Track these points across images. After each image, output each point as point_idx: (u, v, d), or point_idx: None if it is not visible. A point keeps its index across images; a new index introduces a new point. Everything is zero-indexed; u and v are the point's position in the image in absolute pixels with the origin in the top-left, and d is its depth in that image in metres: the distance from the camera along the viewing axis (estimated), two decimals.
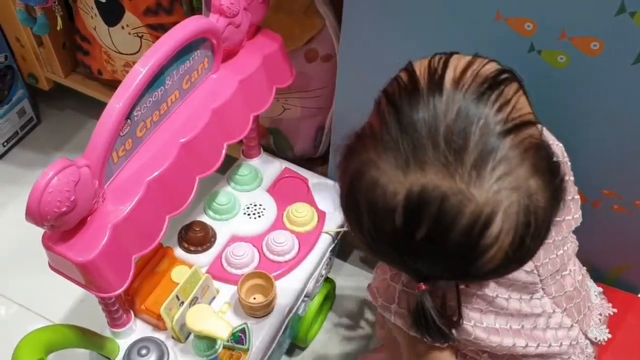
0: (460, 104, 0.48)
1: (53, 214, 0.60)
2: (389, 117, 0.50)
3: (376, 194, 0.49)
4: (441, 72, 0.50)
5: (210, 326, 0.79)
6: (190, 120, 0.76)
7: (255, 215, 0.97)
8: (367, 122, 0.54)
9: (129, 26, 1.10)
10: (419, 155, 0.47)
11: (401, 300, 0.59)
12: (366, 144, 0.51)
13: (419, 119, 0.48)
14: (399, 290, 0.59)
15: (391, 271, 0.60)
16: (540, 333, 0.66)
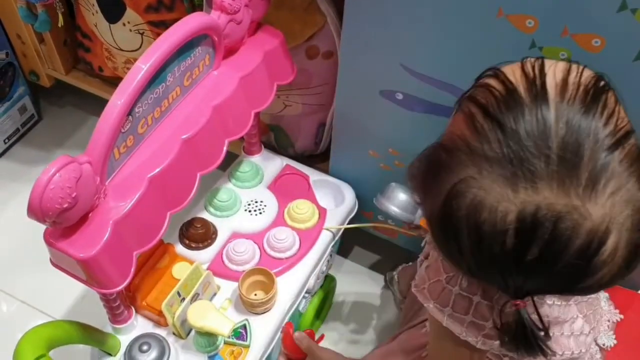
0: (568, 116, 0.45)
1: (55, 210, 0.60)
2: (489, 131, 0.46)
3: (482, 216, 0.45)
4: (541, 81, 0.47)
5: (211, 322, 0.79)
6: (191, 116, 0.76)
7: (256, 212, 0.97)
8: (453, 134, 0.50)
9: (130, 23, 1.10)
10: (528, 171, 0.44)
11: (456, 304, 0.56)
12: (462, 159, 0.47)
13: (526, 133, 0.45)
14: (455, 294, 0.57)
15: (447, 273, 0.57)
16: (565, 340, 0.66)
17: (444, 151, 0.50)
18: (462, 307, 0.56)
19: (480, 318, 0.56)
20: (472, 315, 0.56)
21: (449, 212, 0.47)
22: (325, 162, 1.11)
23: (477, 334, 0.57)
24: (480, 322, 0.56)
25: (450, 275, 0.57)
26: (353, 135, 0.99)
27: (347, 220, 1.03)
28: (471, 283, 0.56)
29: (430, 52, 0.79)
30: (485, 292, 0.56)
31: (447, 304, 0.57)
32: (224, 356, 0.83)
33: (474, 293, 0.55)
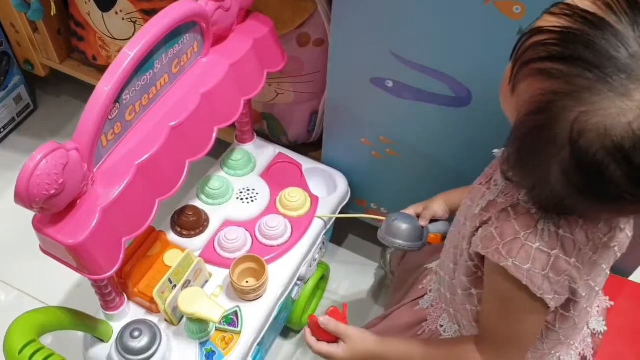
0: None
1: (42, 196, 0.60)
2: (575, 63, 0.47)
3: (617, 135, 0.45)
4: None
5: (202, 309, 0.80)
6: (179, 104, 0.76)
7: (248, 200, 0.98)
8: (532, 98, 0.50)
9: (122, 11, 1.10)
10: (628, 75, 0.45)
11: (536, 260, 0.56)
12: (560, 106, 0.48)
13: (612, 46, 0.46)
14: (535, 249, 0.56)
15: (524, 230, 0.58)
16: (586, 315, 0.67)
17: (536, 114, 0.50)
18: (541, 263, 0.56)
19: (555, 274, 0.57)
20: (549, 271, 0.57)
21: (583, 155, 0.47)
22: (318, 151, 1.11)
23: (550, 290, 0.58)
24: (555, 278, 0.57)
25: (529, 232, 0.57)
26: (345, 124, 0.99)
27: (339, 208, 1.03)
28: (551, 237, 0.56)
29: (419, 39, 0.79)
30: (565, 246, 0.57)
31: (527, 261, 0.57)
32: (216, 342, 0.84)
33: (553, 248, 0.56)
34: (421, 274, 0.88)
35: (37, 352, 0.66)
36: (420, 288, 0.85)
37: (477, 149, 0.89)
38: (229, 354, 0.83)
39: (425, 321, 0.80)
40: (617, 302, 0.88)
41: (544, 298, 0.58)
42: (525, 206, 0.58)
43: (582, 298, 0.61)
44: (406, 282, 0.92)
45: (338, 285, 1.22)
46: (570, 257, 0.57)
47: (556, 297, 0.59)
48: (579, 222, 0.57)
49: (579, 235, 0.57)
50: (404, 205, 0.96)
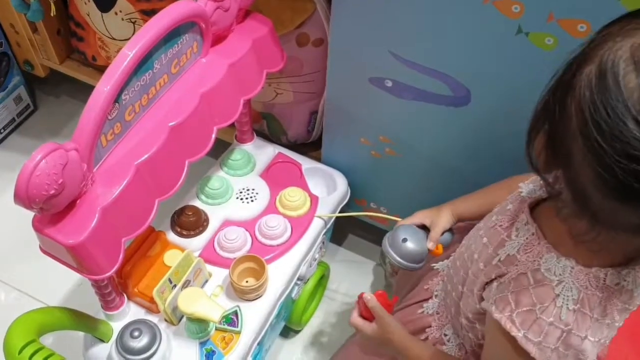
0: None
1: (41, 196, 0.60)
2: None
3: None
4: None
5: (201, 308, 0.80)
6: (179, 104, 0.76)
7: (248, 200, 0.98)
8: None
9: (122, 12, 1.10)
10: None
11: (548, 335, 0.56)
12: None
13: None
14: (549, 324, 0.55)
15: (540, 303, 0.56)
16: None
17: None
18: (553, 337, 0.56)
19: (565, 348, 0.56)
20: (560, 345, 0.56)
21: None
22: (318, 150, 1.11)
23: (558, 358, 0.57)
24: (564, 352, 0.56)
25: (545, 305, 0.56)
26: (344, 123, 0.99)
27: (339, 207, 1.03)
28: (568, 314, 0.55)
29: (417, 39, 0.79)
30: (579, 322, 0.56)
31: (539, 335, 0.56)
32: (216, 342, 0.84)
33: (567, 324, 0.55)
34: (426, 273, 0.88)
35: (37, 352, 0.66)
36: (426, 289, 0.85)
37: (477, 148, 0.89)
38: (229, 353, 0.83)
39: (429, 327, 0.80)
40: None
41: None
42: (545, 276, 0.57)
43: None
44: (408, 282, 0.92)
45: (338, 284, 1.22)
46: (583, 332, 0.56)
47: None
48: (598, 298, 0.55)
49: (596, 311, 0.56)
50: (403, 205, 0.96)
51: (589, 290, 0.55)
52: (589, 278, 0.55)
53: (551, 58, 0.71)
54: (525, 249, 0.60)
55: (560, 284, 0.55)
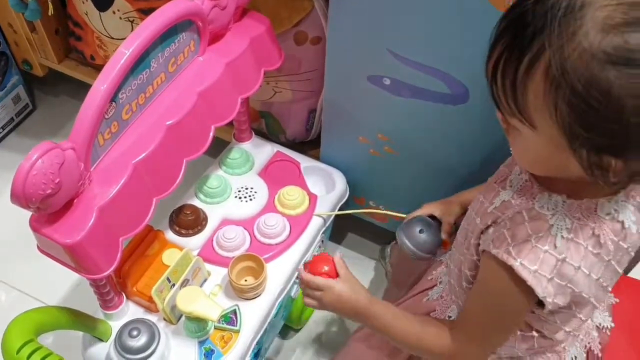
0: None
1: (38, 196, 0.60)
2: None
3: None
4: None
5: (200, 307, 0.80)
6: (176, 102, 0.76)
7: (246, 199, 0.98)
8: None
9: (119, 11, 1.10)
10: None
11: (544, 263, 0.57)
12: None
13: None
14: (544, 252, 0.57)
15: (537, 234, 0.58)
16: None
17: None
18: (549, 266, 0.57)
19: (560, 279, 0.57)
20: (555, 275, 0.57)
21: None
22: (316, 149, 1.11)
23: (553, 293, 0.58)
24: (559, 282, 0.57)
25: (540, 235, 0.57)
26: (343, 122, 0.99)
27: (338, 206, 1.03)
28: (562, 243, 0.57)
29: (415, 36, 0.79)
30: (573, 252, 0.57)
31: (535, 263, 0.57)
32: (215, 341, 0.84)
33: (561, 253, 0.57)
34: (430, 265, 0.89)
35: (34, 351, 0.66)
36: (430, 279, 0.86)
37: (475, 146, 0.89)
38: (228, 352, 0.83)
39: (433, 311, 0.80)
40: (620, 299, 0.88)
41: (545, 301, 0.58)
42: (540, 212, 0.58)
43: (588, 301, 0.61)
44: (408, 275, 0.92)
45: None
46: (576, 262, 0.57)
47: (556, 301, 0.59)
48: (590, 228, 0.57)
49: (590, 241, 0.57)
50: (401, 202, 0.96)
51: (582, 221, 0.57)
52: (581, 209, 0.57)
53: None
54: (519, 193, 0.62)
55: (553, 215, 0.57)
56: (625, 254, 0.61)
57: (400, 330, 0.71)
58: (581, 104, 0.46)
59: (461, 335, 0.67)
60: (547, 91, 0.48)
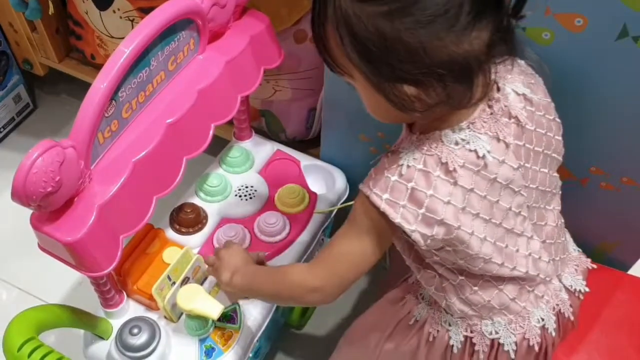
0: None
1: (38, 194, 0.60)
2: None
3: None
4: None
5: (200, 305, 0.80)
6: (176, 101, 0.76)
7: (246, 197, 0.98)
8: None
9: (120, 10, 1.10)
10: None
11: (394, 190, 0.61)
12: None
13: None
14: (393, 181, 0.61)
15: (390, 166, 0.62)
16: (519, 257, 0.68)
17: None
18: (399, 193, 0.61)
19: (414, 205, 0.61)
20: (407, 202, 0.61)
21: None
22: (317, 148, 1.11)
23: (413, 220, 0.61)
24: (415, 209, 0.61)
25: (392, 167, 0.61)
26: (343, 120, 0.99)
27: (338, 204, 1.03)
28: (409, 172, 0.61)
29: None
30: (420, 179, 0.61)
31: (385, 191, 0.61)
32: (215, 339, 0.84)
33: (409, 180, 0.60)
34: None
35: (35, 349, 0.66)
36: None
37: None
38: (229, 350, 0.83)
39: (409, 293, 0.81)
40: (615, 295, 0.88)
41: (404, 227, 0.61)
42: (398, 150, 0.63)
43: (472, 236, 0.63)
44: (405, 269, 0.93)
45: None
46: (428, 190, 0.60)
47: (420, 230, 0.61)
48: (437, 157, 0.60)
49: (439, 170, 0.60)
50: None
51: (430, 152, 0.60)
52: (429, 142, 0.61)
53: (548, 52, 0.72)
54: (398, 144, 0.66)
55: (405, 150, 0.62)
56: (503, 188, 0.63)
57: (265, 279, 0.75)
58: (354, 40, 0.55)
59: (317, 263, 0.70)
60: (335, 36, 0.56)
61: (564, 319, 0.74)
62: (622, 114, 0.74)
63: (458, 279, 0.69)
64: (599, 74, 0.71)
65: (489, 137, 0.61)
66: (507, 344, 0.71)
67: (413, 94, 0.56)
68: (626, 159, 0.79)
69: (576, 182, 0.85)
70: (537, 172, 0.67)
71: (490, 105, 0.62)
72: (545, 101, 0.67)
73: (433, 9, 0.51)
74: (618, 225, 0.88)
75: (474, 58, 0.55)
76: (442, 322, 0.74)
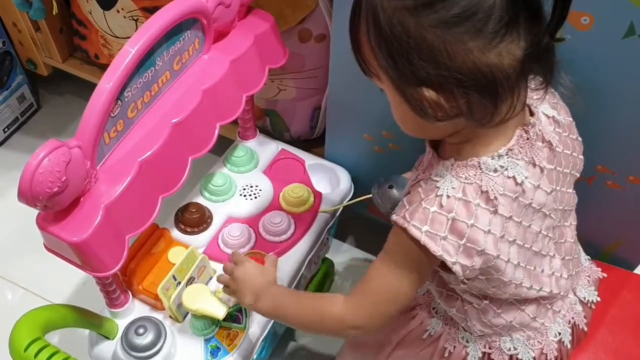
0: None
1: (45, 194, 0.60)
2: None
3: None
4: None
5: (206, 305, 0.80)
6: (181, 100, 0.76)
7: (251, 197, 0.98)
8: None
9: (124, 9, 1.10)
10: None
11: (434, 222, 0.59)
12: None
13: None
14: (432, 212, 0.59)
15: (427, 197, 0.60)
16: (545, 278, 0.67)
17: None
18: (440, 224, 0.59)
19: (455, 236, 0.59)
20: (448, 233, 0.59)
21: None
22: (321, 147, 1.11)
23: (454, 252, 0.59)
24: (455, 240, 0.59)
25: (429, 197, 0.60)
26: (347, 119, 0.99)
27: (342, 203, 1.03)
28: (449, 202, 0.59)
29: None
30: (460, 209, 0.59)
31: (425, 223, 0.59)
32: (221, 339, 0.84)
33: (449, 211, 0.58)
34: None
35: (42, 349, 0.66)
36: None
37: None
38: (234, 350, 0.83)
39: (419, 305, 0.80)
40: (622, 295, 0.88)
41: (445, 259, 0.59)
42: (433, 179, 0.61)
43: (508, 263, 0.62)
44: None
45: (342, 280, 1.22)
46: (469, 220, 0.58)
47: (460, 261, 0.59)
48: (477, 186, 0.59)
49: (480, 199, 0.59)
50: None
51: (469, 180, 0.59)
52: (467, 169, 0.59)
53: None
54: (425, 169, 0.65)
55: (442, 178, 0.60)
56: (535, 212, 0.62)
57: (295, 306, 0.71)
58: (379, 33, 0.54)
59: (355, 299, 0.67)
60: (365, 32, 0.56)
61: (578, 330, 0.75)
62: (629, 113, 0.74)
63: (482, 304, 0.68)
64: (606, 72, 0.71)
65: (525, 162, 0.60)
66: (525, 359, 0.71)
67: (433, 98, 0.54)
68: (633, 158, 0.79)
69: (582, 180, 0.84)
70: (565, 194, 0.66)
71: (526, 131, 0.60)
72: (568, 120, 0.66)
73: (459, 10, 0.50)
74: (624, 224, 0.88)
75: (502, 72, 0.52)
76: (459, 339, 0.73)
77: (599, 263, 0.90)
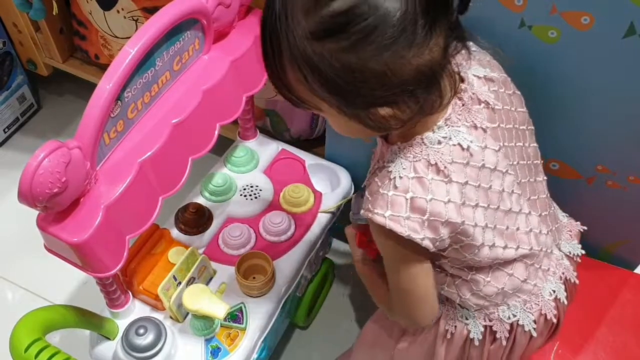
0: None
1: (45, 195, 0.60)
2: None
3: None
4: None
5: (206, 305, 0.80)
6: (181, 101, 0.76)
7: (251, 197, 0.98)
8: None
9: (124, 10, 1.10)
10: None
11: (394, 205, 0.60)
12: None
13: None
14: (391, 196, 0.61)
15: (382, 182, 0.62)
16: (521, 235, 0.68)
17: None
18: (400, 206, 0.60)
19: (417, 213, 0.60)
20: (410, 212, 0.60)
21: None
22: (321, 147, 1.11)
23: (419, 229, 0.61)
24: (420, 217, 0.60)
25: (385, 183, 0.61)
26: None
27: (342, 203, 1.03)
28: (403, 182, 0.60)
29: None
30: (418, 186, 0.61)
31: (385, 208, 0.61)
32: (221, 339, 0.84)
33: (405, 191, 0.60)
34: None
35: (42, 350, 0.67)
36: None
37: None
38: (235, 350, 0.83)
39: None
40: (622, 294, 0.88)
41: (413, 238, 0.60)
42: (385, 166, 0.63)
43: (475, 227, 0.63)
44: None
45: (343, 280, 1.22)
46: (425, 194, 0.60)
47: (428, 235, 0.61)
48: (425, 161, 0.60)
49: (430, 172, 0.60)
50: None
51: (416, 157, 0.61)
52: (413, 148, 0.61)
53: (555, 51, 0.71)
54: (379, 158, 0.66)
55: (392, 163, 0.62)
56: (492, 172, 0.63)
57: (373, 294, 0.78)
58: (320, 78, 0.54)
59: (394, 303, 0.71)
60: (297, 76, 0.55)
61: (570, 284, 0.75)
62: (629, 112, 0.74)
63: (469, 275, 0.69)
64: (606, 72, 0.71)
65: (467, 127, 0.62)
66: (526, 324, 0.72)
67: (389, 114, 0.56)
68: (633, 158, 0.79)
69: (582, 180, 0.84)
70: (514, 148, 0.67)
71: (460, 98, 0.62)
72: (502, 77, 0.68)
73: (391, 31, 0.51)
74: (624, 224, 0.88)
75: (437, 64, 0.55)
76: (458, 317, 0.74)
77: (599, 263, 0.90)
